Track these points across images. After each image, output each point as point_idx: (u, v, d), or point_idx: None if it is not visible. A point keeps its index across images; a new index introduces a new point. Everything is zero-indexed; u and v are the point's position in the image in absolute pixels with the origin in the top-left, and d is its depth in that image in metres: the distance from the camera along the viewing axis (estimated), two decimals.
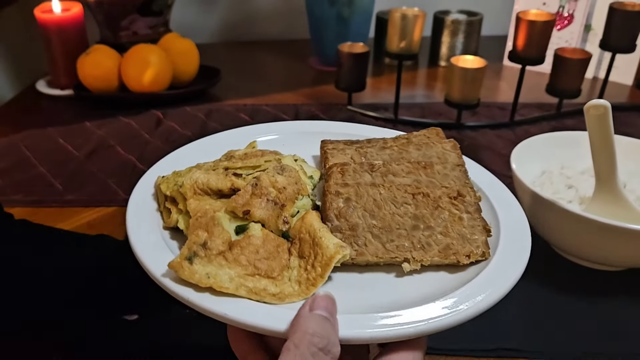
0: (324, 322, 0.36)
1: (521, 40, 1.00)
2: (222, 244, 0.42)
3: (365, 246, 0.45)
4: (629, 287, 0.69)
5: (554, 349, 0.61)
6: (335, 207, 0.46)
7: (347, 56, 1.07)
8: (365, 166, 0.50)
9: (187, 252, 0.40)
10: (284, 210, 0.45)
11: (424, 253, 0.45)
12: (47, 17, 1.17)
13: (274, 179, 0.47)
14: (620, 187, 0.65)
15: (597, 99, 0.59)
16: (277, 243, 0.44)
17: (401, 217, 0.46)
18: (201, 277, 0.39)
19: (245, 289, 0.39)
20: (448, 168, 0.50)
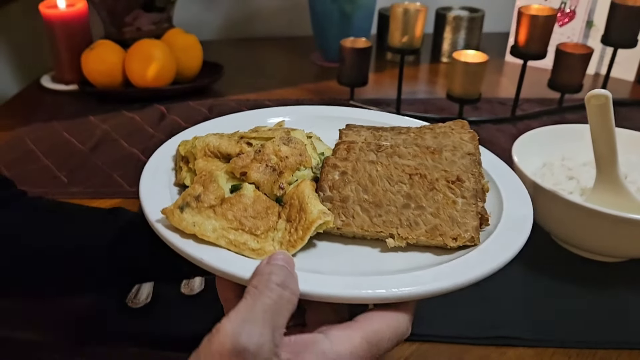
0: (280, 267, 0.38)
1: (523, 35, 1.00)
2: (214, 199, 0.44)
3: (353, 218, 0.45)
4: (630, 277, 0.69)
5: (552, 337, 0.61)
6: (330, 179, 0.48)
7: (349, 51, 1.08)
8: (372, 146, 0.51)
9: (181, 202, 0.44)
10: (281, 177, 0.47)
11: (410, 231, 0.45)
12: (52, 13, 1.18)
13: (278, 148, 0.49)
14: (621, 177, 0.66)
15: (598, 89, 0.59)
16: (267, 205, 0.46)
17: (394, 194, 0.46)
18: (187, 225, 0.42)
19: (225, 240, 0.42)
20: (457, 155, 0.50)
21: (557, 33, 1.31)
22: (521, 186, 0.53)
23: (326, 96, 1.21)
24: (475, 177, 0.48)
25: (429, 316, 0.64)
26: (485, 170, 0.54)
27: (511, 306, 0.65)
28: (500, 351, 0.60)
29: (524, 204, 0.50)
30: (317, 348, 0.36)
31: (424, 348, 0.61)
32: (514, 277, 0.69)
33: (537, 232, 0.74)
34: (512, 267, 0.70)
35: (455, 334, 0.62)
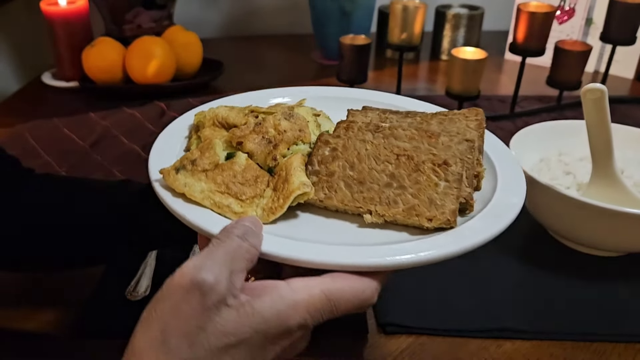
0: (244, 224, 0.41)
1: (522, 32, 1.01)
2: (208, 164, 0.47)
3: (335, 192, 0.47)
4: (627, 271, 0.69)
5: (548, 329, 0.62)
6: (320, 154, 0.49)
7: (348, 48, 1.08)
8: (370, 126, 0.52)
9: (178, 164, 0.47)
10: (276, 149, 0.49)
11: (387, 208, 0.45)
12: (53, 10, 1.18)
13: (278, 122, 0.51)
14: (616, 171, 0.66)
15: (594, 83, 0.60)
16: (257, 174, 0.48)
17: (378, 173, 0.47)
18: (179, 185, 0.46)
19: (209, 201, 0.45)
20: (454, 141, 0.50)
21: (557, 31, 1.32)
22: (520, 177, 0.52)
23: None
24: (465, 162, 0.48)
25: (426, 309, 0.64)
26: (489, 157, 0.54)
27: (508, 300, 0.66)
28: (497, 344, 0.61)
29: (516, 193, 0.49)
30: (276, 292, 0.37)
31: (421, 341, 0.61)
32: (511, 271, 0.70)
33: (535, 227, 0.75)
34: (509, 261, 0.71)
35: (452, 327, 0.62)
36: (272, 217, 0.45)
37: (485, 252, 0.72)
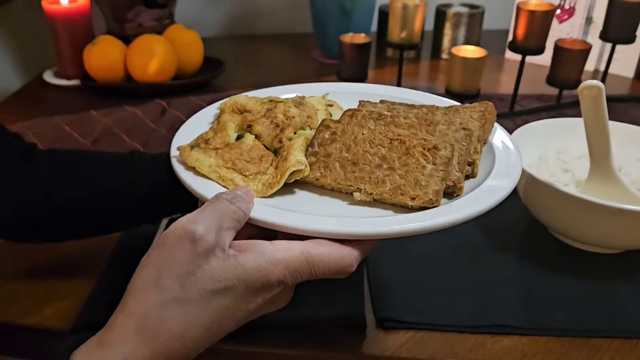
0: (235, 192, 0.45)
1: (521, 30, 1.01)
2: (219, 143, 0.53)
3: (330, 172, 0.50)
4: (624, 268, 0.70)
5: (546, 325, 0.62)
6: (320, 137, 0.52)
7: (349, 47, 1.08)
8: (374, 114, 0.54)
9: (193, 142, 0.54)
10: (282, 133, 0.54)
11: (375, 187, 0.48)
12: (55, 9, 1.19)
13: (287, 109, 0.56)
14: (614, 168, 0.66)
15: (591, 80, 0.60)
16: (262, 154, 0.53)
17: (371, 155, 0.50)
18: (191, 160, 0.51)
19: (215, 175, 0.50)
20: (452, 129, 0.52)
21: (557, 30, 1.32)
22: (517, 168, 0.53)
23: None
24: (459, 149, 0.50)
25: (425, 306, 0.65)
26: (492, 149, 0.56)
27: (506, 296, 0.66)
28: (495, 339, 0.61)
29: (506, 180, 0.50)
30: (259, 249, 0.42)
31: (419, 336, 0.62)
32: (510, 268, 0.70)
33: (534, 224, 0.76)
34: (508, 258, 0.72)
35: (450, 322, 0.62)
36: (270, 192, 0.49)
37: (485, 250, 0.73)
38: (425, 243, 0.74)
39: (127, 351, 0.39)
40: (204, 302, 0.40)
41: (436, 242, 0.74)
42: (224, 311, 0.41)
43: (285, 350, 0.60)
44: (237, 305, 0.41)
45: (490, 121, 0.57)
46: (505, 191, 0.48)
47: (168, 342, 0.40)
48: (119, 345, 0.39)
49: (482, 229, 0.77)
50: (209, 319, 0.41)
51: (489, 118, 0.57)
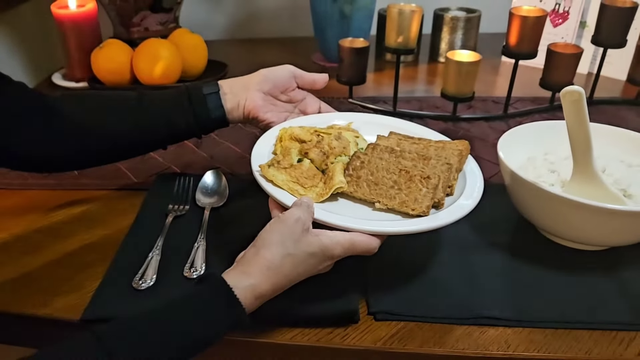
0: (307, 199, 0.67)
1: (514, 36, 1.04)
2: (287, 164, 0.73)
3: (360, 188, 0.72)
4: (607, 264, 0.73)
5: (530, 317, 0.66)
6: (353, 164, 0.74)
7: (347, 51, 1.12)
8: (388, 149, 0.76)
9: (269, 163, 0.73)
10: (328, 158, 0.75)
11: (389, 201, 0.70)
12: (63, 13, 1.23)
13: (330, 141, 0.76)
14: (595, 168, 0.70)
15: (572, 85, 0.63)
16: (315, 173, 0.74)
17: (387, 179, 0.72)
18: (269, 175, 0.70)
19: (287, 186, 0.70)
20: (440, 163, 0.74)
21: (551, 34, 1.35)
22: (479, 190, 0.73)
23: (326, 94, 1.25)
24: (441, 179, 0.71)
25: (416, 299, 0.68)
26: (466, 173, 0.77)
27: (494, 290, 0.70)
28: (481, 330, 0.65)
29: (471, 200, 0.71)
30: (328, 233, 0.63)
31: (409, 327, 0.65)
32: (498, 264, 0.74)
33: (522, 222, 0.79)
34: (497, 254, 0.75)
35: (439, 315, 0.66)
36: (321, 199, 0.70)
37: (475, 246, 0.77)
38: (419, 240, 0.77)
39: (257, 282, 0.58)
40: (302, 258, 0.61)
41: (429, 240, 0.78)
42: (309, 267, 0.62)
43: (287, 342, 0.64)
44: (315, 264, 0.62)
45: (465, 156, 0.78)
46: (470, 208, 0.69)
47: (280, 280, 0.60)
48: (254, 276, 0.58)
49: (473, 226, 0.80)
50: (302, 269, 0.61)
51: (465, 154, 0.78)
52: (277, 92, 0.86)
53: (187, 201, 0.85)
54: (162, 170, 0.96)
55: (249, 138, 1.07)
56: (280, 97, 0.87)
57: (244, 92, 0.84)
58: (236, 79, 0.86)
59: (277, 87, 0.86)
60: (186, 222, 0.81)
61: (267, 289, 0.59)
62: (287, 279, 0.60)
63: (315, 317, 0.66)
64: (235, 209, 0.84)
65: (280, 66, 0.88)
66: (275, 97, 0.87)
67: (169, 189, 0.87)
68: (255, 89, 0.84)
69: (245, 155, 1.01)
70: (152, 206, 0.85)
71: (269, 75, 0.85)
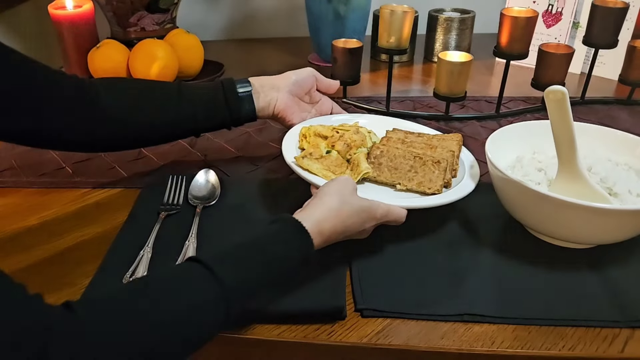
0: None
1: (505, 36, 1.05)
2: (317, 156, 0.83)
3: (382, 173, 0.83)
4: (594, 262, 0.74)
5: (514, 314, 0.66)
6: (374, 154, 0.84)
7: (341, 51, 1.13)
8: (400, 140, 0.89)
9: (303, 155, 0.83)
10: (351, 149, 0.86)
11: (408, 182, 0.81)
12: (60, 14, 1.24)
13: (351, 135, 0.88)
14: (580, 166, 0.71)
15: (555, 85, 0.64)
16: (342, 162, 0.85)
17: (405, 165, 0.82)
18: (305, 165, 0.81)
19: (321, 173, 0.80)
20: (444, 151, 0.85)
21: (545, 34, 1.36)
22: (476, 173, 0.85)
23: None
24: (448, 163, 0.82)
25: (402, 296, 0.69)
26: (462, 161, 0.88)
27: (480, 288, 0.70)
28: (466, 327, 0.65)
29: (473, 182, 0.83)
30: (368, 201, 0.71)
31: (395, 324, 0.66)
32: (487, 262, 0.75)
33: (510, 221, 0.80)
34: (485, 253, 0.76)
35: (425, 312, 0.67)
36: None
37: (463, 244, 0.78)
38: (406, 237, 0.78)
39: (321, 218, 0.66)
40: (355, 209, 0.68)
41: (417, 237, 0.79)
42: (359, 220, 0.69)
43: (273, 338, 0.65)
44: (363, 220, 0.69)
45: (460, 146, 0.90)
46: (472, 186, 0.82)
47: (337, 224, 0.67)
48: (318, 214, 0.66)
49: (462, 224, 0.81)
50: (353, 221, 0.68)
51: (460, 145, 0.90)
52: (302, 94, 0.97)
53: (180, 200, 0.86)
54: (155, 168, 0.97)
55: (243, 138, 1.08)
56: (304, 98, 0.97)
57: (274, 93, 0.92)
58: (266, 78, 0.94)
59: (303, 89, 0.96)
60: (178, 220, 0.82)
61: (328, 228, 0.65)
62: (343, 225, 0.67)
63: (303, 313, 0.66)
64: (227, 207, 0.85)
65: (304, 69, 0.97)
66: (300, 98, 0.96)
67: (161, 188, 0.88)
68: (284, 90, 0.93)
69: (239, 154, 1.02)
70: (144, 204, 0.86)
71: (297, 79, 0.94)
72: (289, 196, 0.88)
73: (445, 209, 0.79)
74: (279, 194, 0.89)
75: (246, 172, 0.96)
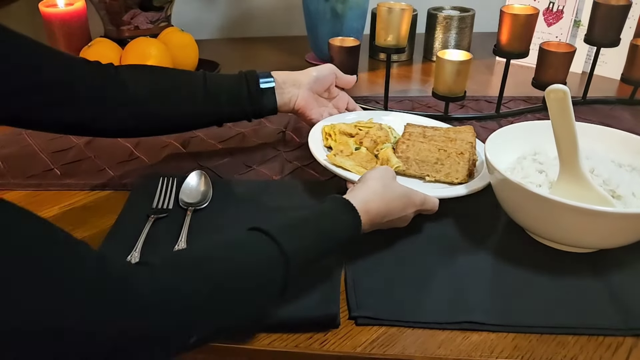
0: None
1: (505, 35, 1.03)
2: (348, 153, 0.86)
3: (411, 166, 0.86)
4: (596, 267, 0.71)
5: (515, 322, 0.64)
6: (401, 148, 0.87)
7: (337, 50, 1.10)
8: (421, 135, 0.91)
9: (334, 153, 0.86)
10: (377, 145, 0.90)
11: (435, 174, 0.85)
12: (51, 12, 1.22)
13: (376, 132, 0.92)
14: (582, 168, 0.68)
15: (557, 84, 0.62)
16: (371, 157, 0.88)
17: (431, 157, 0.85)
18: (338, 162, 0.84)
19: (354, 169, 0.83)
20: (463, 142, 0.88)
21: (546, 32, 1.34)
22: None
23: None
24: (470, 153, 0.85)
25: (398, 303, 0.67)
26: (478, 152, 0.91)
27: (479, 294, 0.68)
28: (464, 335, 0.63)
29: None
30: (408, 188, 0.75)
31: (391, 332, 0.63)
32: (486, 267, 0.72)
33: (511, 224, 0.77)
34: (485, 257, 0.74)
35: (422, 319, 0.64)
36: None
37: (461, 248, 0.75)
38: (403, 241, 0.76)
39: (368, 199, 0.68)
40: (397, 193, 0.71)
41: (414, 241, 0.76)
42: (400, 205, 0.71)
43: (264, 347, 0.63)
44: (403, 205, 0.72)
45: (475, 138, 0.91)
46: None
47: (381, 207, 0.69)
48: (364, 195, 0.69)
49: (460, 228, 0.79)
50: (395, 205, 0.71)
51: (475, 137, 0.91)
52: (321, 91, 1.00)
53: (170, 203, 0.83)
54: (147, 170, 0.95)
55: (237, 138, 1.06)
56: (323, 94, 1.01)
57: (295, 89, 0.95)
58: (288, 74, 0.96)
59: (323, 87, 0.99)
60: (168, 223, 0.80)
61: (374, 208, 0.68)
62: (387, 207, 0.70)
63: (294, 321, 0.64)
64: (219, 210, 0.83)
65: (325, 66, 1.00)
66: (319, 95, 1.00)
67: (152, 190, 0.85)
68: (305, 88, 0.95)
69: (232, 155, 1.00)
70: (133, 207, 0.83)
71: (318, 76, 0.97)
72: (283, 198, 0.85)
73: (442, 211, 0.78)
74: (272, 196, 0.87)
75: (239, 173, 0.94)
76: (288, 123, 1.12)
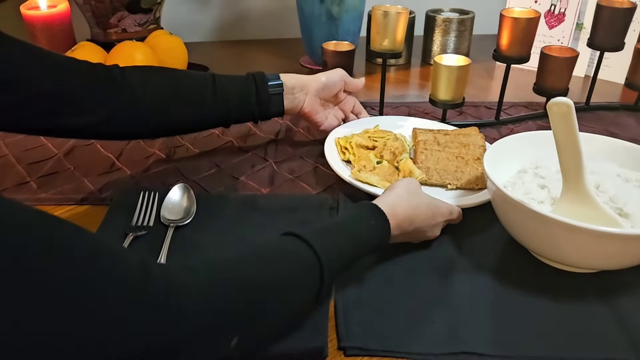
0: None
1: (505, 39, 0.98)
2: (371, 167, 0.86)
3: (432, 176, 0.86)
4: (602, 290, 0.67)
5: (518, 352, 0.59)
6: (420, 159, 0.89)
7: (330, 54, 1.06)
8: (434, 141, 0.92)
9: (358, 168, 0.85)
10: (396, 157, 0.89)
11: (456, 181, 0.85)
12: (33, 15, 1.17)
13: (392, 143, 0.91)
14: (587, 185, 0.63)
15: (560, 97, 0.57)
16: (393, 170, 0.88)
17: (450, 166, 0.87)
18: (363, 178, 0.84)
19: (380, 184, 0.83)
20: (475, 147, 0.90)
21: (547, 36, 1.29)
22: None
23: None
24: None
25: (390, 331, 0.62)
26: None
27: (477, 319, 0.63)
28: None
29: None
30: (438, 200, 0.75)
31: None
32: (483, 288, 0.67)
33: (511, 243, 0.73)
34: (484, 280, 0.69)
35: (415, 350, 0.60)
36: None
37: (460, 270, 0.71)
38: (396, 264, 0.71)
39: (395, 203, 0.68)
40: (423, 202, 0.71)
41: (408, 263, 0.72)
42: (428, 213, 0.71)
43: None
44: (430, 216, 0.71)
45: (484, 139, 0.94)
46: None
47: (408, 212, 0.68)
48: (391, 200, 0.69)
49: (458, 247, 0.74)
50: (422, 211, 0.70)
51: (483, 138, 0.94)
52: (329, 97, 0.99)
53: (150, 220, 0.79)
54: (128, 182, 0.90)
55: (226, 148, 1.01)
56: (331, 99, 1.01)
57: (302, 95, 0.95)
58: (297, 78, 0.95)
59: (331, 93, 0.99)
60: (147, 241, 0.75)
61: (400, 212, 0.68)
62: (414, 212, 0.69)
63: (280, 352, 0.59)
64: (201, 227, 0.78)
65: (335, 71, 0.99)
66: (327, 101, 1.00)
67: (132, 205, 0.81)
68: (313, 94, 0.96)
69: (219, 166, 0.95)
70: (111, 224, 0.78)
71: (327, 83, 0.97)
72: (270, 213, 0.81)
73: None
74: (259, 211, 0.82)
75: (226, 186, 0.89)
76: (279, 131, 1.07)
